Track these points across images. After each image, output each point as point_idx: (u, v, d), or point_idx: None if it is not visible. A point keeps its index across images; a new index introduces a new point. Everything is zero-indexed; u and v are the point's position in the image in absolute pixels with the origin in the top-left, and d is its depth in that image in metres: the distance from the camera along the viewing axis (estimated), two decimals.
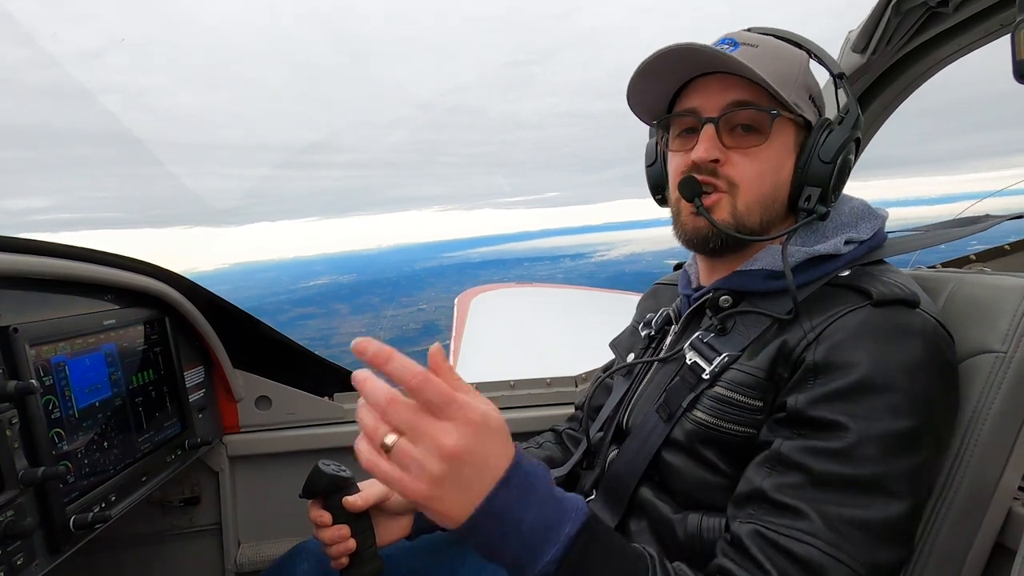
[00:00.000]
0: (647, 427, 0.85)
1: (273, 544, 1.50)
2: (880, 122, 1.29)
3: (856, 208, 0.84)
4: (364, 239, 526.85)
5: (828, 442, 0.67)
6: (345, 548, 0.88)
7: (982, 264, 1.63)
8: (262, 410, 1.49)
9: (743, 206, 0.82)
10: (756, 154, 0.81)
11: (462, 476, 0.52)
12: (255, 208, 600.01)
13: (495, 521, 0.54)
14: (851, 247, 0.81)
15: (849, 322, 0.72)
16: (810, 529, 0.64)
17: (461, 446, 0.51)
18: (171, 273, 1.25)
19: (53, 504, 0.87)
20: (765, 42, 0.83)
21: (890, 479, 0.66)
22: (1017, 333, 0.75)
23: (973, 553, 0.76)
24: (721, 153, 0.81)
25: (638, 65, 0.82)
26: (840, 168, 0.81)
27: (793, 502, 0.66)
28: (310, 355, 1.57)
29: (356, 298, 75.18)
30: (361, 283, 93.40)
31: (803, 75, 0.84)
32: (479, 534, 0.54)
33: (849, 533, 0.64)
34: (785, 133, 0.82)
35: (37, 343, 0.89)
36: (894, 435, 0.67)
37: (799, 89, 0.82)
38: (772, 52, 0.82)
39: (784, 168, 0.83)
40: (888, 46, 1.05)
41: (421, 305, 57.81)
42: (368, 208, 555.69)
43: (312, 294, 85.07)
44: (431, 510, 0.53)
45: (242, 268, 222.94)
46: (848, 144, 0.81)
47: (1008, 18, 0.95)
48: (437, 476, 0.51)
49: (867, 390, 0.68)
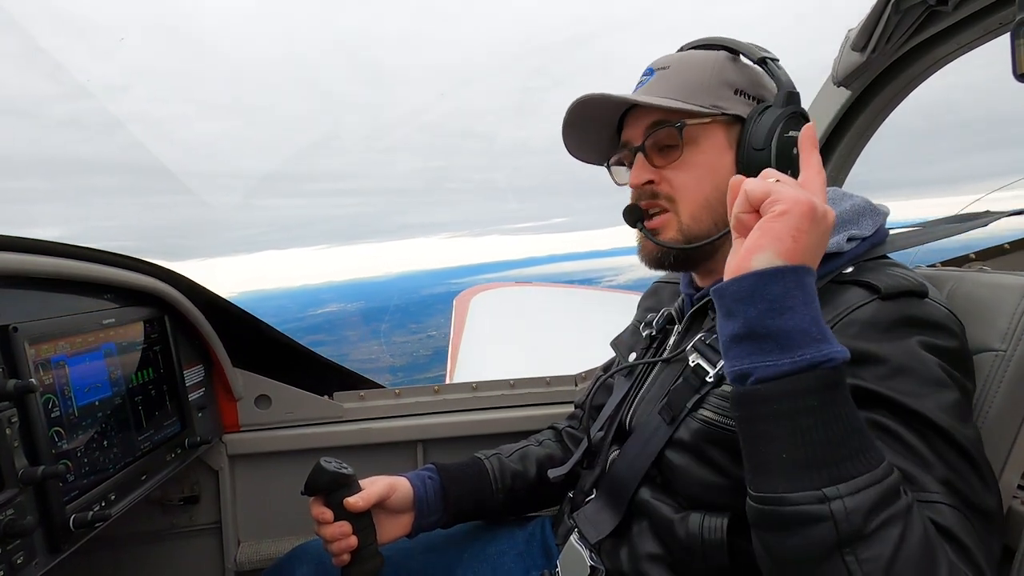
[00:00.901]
0: (649, 428, 0.85)
1: (273, 543, 1.50)
2: (880, 121, 1.29)
3: (858, 205, 0.84)
4: (372, 267, 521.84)
5: (897, 417, 0.65)
6: (346, 545, 0.89)
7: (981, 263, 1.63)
8: (262, 409, 1.49)
9: (688, 217, 0.85)
10: (683, 165, 0.85)
11: (823, 228, 0.61)
12: (264, 236, 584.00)
13: (806, 288, 0.58)
14: (853, 244, 0.81)
15: (860, 316, 0.71)
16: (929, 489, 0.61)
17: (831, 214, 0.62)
18: (171, 272, 1.25)
19: (53, 503, 0.87)
20: (679, 59, 0.88)
21: (968, 442, 0.64)
22: (1016, 332, 0.75)
23: None
24: (653, 174, 0.86)
25: (562, 121, 0.91)
26: (779, 149, 0.80)
27: (898, 463, 0.62)
28: (310, 354, 1.57)
29: (365, 325, 75.38)
30: (369, 310, 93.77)
31: (719, 74, 0.85)
32: (791, 283, 0.58)
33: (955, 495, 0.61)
34: (711, 135, 0.85)
35: (37, 342, 0.89)
36: (951, 403, 0.65)
37: (716, 89, 0.85)
38: (683, 66, 0.87)
39: (721, 167, 0.84)
40: (888, 44, 1.05)
41: (431, 332, 57.90)
42: (376, 236, 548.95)
43: (320, 322, 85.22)
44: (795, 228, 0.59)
45: (249, 296, 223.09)
46: (779, 123, 0.81)
47: (1007, 17, 0.95)
48: (819, 205, 0.60)
49: (902, 371, 0.66)
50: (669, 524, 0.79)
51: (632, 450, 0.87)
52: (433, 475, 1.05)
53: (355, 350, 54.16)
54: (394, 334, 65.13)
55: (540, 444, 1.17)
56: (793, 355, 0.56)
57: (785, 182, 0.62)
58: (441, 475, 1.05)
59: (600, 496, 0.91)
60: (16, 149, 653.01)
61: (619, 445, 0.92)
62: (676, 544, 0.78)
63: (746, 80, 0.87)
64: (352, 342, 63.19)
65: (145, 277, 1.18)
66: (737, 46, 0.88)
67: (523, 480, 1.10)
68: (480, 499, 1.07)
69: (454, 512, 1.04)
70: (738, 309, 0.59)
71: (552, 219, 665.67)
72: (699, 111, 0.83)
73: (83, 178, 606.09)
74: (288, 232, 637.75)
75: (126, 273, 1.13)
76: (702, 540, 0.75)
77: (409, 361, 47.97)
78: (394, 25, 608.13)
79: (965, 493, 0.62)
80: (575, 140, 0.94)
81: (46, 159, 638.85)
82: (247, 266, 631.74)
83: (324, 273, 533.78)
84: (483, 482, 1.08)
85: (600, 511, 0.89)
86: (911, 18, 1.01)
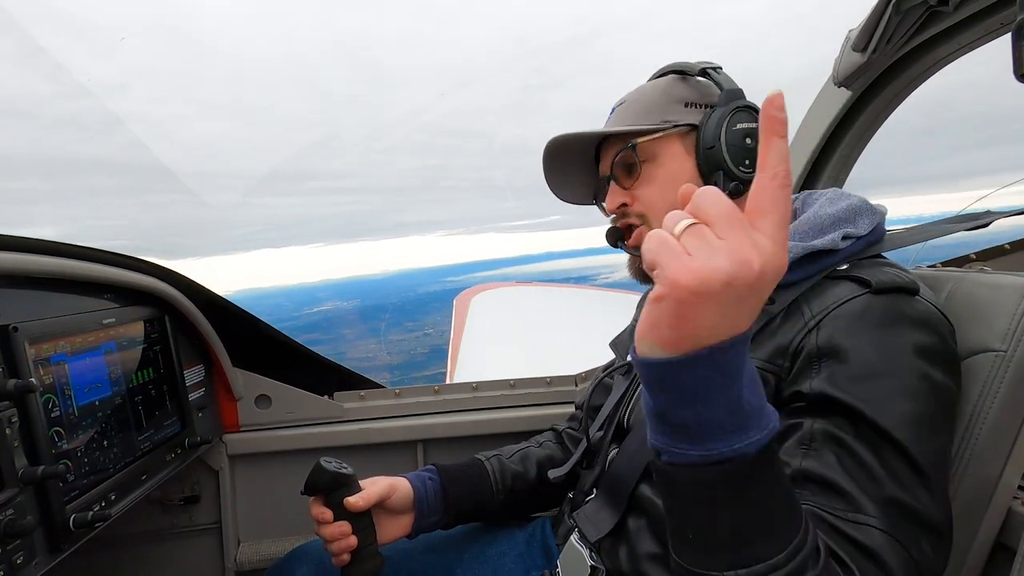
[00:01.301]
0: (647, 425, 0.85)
1: (273, 543, 1.50)
2: (880, 121, 1.29)
3: (854, 204, 0.84)
4: (368, 265, 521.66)
5: (854, 423, 0.65)
6: (346, 545, 0.89)
7: (982, 263, 1.63)
8: (262, 409, 1.49)
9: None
10: (645, 180, 0.91)
11: (734, 297, 0.44)
12: (262, 235, 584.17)
13: (720, 369, 0.46)
14: (849, 242, 0.81)
15: (849, 309, 0.71)
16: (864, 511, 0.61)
17: (768, 263, 0.44)
18: (171, 272, 1.25)
19: (53, 503, 0.87)
20: (634, 91, 0.96)
21: (922, 457, 0.64)
22: (1017, 332, 0.75)
23: (973, 552, 0.76)
24: (625, 196, 0.93)
25: (542, 167, 1.01)
26: (730, 142, 0.86)
27: (839, 481, 0.63)
28: (310, 354, 1.57)
29: (361, 324, 75.28)
30: (366, 308, 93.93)
31: (666, 93, 0.92)
32: (697, 372, 0.47)
33: (897, 514, 0.61)
34: (668, 147, 0.90)
35: (37, 341, 0.89)
36: (917, 414, 0.65)
37: (665, 105, 0.91)
38: (636, 96, 0.94)
39: (683, 174, 0.90)
40: (888, 45, 1.05)
41: (427, 330, 57.87)
42: (373, 234, 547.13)
43: (317, 320, 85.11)
44: (672, 315, 0.45)
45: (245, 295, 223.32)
46: (724, 119, 0.86)
47: (1008, 17, 0.95)
48: (716, 276, 0.43)
49: (876, 373, 0.67)
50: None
51: (631, 448, 0.87)
52: (433, 476, 1.05)
53: (352, 348, 54.12)
54: (391, 332, 65.21)
55: (540, 445, 1.18)
56: (703, 447, 0.49)
57: (711, 220, 0.45)
58: (441, 476, 1.05)
59: (600, 495, 0.92)
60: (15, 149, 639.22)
61: (618, 444, 0.92)
62: None
63: (696, 93, 0.92)
64: (349, 340, 63.15)
65: (145, 277, 1.18)
66: (681, 67, 0.95)
67: (523, 481, 1.10)
68: (480, 500, 1.07)
69: (454, 513, 1.04)
70: (650, 389, 0.51)
71: (548, 216, 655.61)
72: (647, 128, 0.90)
73: (81, 178, 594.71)
74: (285, 231, 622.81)
75: (126, 273, 1.13)
76: None
77: (406, 359, 47.92)
78: (394, 25, 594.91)
79: (913, 509, 0.62)
80: (558, 182, 1.03)
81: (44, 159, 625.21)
82: (244, 264, 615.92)
83: (320, 271, 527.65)
84: (483, 483, 1.08)
85: (600, 510, 0.90)
86: (912, 18, 1.01)
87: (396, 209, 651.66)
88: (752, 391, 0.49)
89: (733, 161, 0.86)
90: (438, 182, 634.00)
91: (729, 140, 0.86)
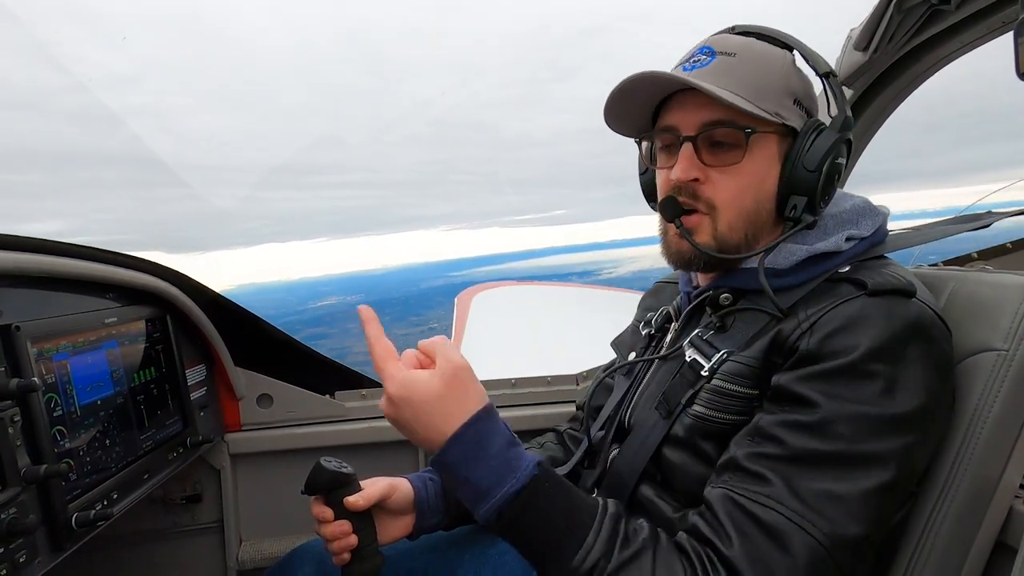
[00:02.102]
0: (647, 425, 0.85)
1: (275, 542, 1.50)
2: (882, 120, 1.29)
3: (858, 206, 0.84)
4: (371, 259, 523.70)
5: (802, 416, 0.69)
6: (347, 544, 0.89)
7: (984, 262, 1.63)
8: (263, 408, 1.49)
9: (724, 226, 0.81)
10: (735, 171, 0.80)
11: (413, 419, 0.70)
12: (265, 229, 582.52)
13: (448, 469, 0.70)
14: (852, 244, 0.81)
15: (843, 311, 0.72)
16: (777, 496, 0.67)
17: (397, 397, 0.69)
18: (173, 271, 1.26)
19: (55, 502, 0.88)
20: (745, 47, 0.81)
21: (866, 457, 0.67)
22: (1019, 331, 0.75)
23: (974, 551, 0.76)
24: (700, 172, 0.81)
25: (614, 87, 0.82)
26: (827, 174, 0.79)
27: (764, 470, 0.69)
28: (311, 353, 1.57)
29: None
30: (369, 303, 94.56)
31: (785, 79, 0.81)
32: (443, 471, 0.70)
33: (816, 504, 0.66)
34: (766, 145, 0.81)
35: (39, 341, 0.90)
36: (873, 417, 0.68)
37: (780, 96, 0.80)
38: (751, 59, 0.80)
39: (768, 180, 0.81)
40: (890, 44, 1.05)
41: (432, 324, 57.95)
42: (376, 228, 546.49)
43: (322, 314, 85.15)
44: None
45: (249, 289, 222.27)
46: (835, 149, 0.79)
47: (1010, 15, 0.95)
48: (391, 412, 0.71)
49: (853, 374, 0.69)
50: (668, 523, 0.79)
51: (631, 447, 0.87)
52: (434, 477, 1.05)
53: (358, 343, 54.13)
54: (396, 326, 65.38)
55: (542, 447, 1.17)
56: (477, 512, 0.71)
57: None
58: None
59: (600, 495, 0.91)
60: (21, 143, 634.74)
61: (619, 443, 0.92)
62: None
63: (804, 90, 0.83)
64: (354, 335, 63.18)
65: (147, 276, 1.18)
66: (803, 50, 0.83)
67: None
68: None
69: (455, 514, 1.04)
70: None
71: (553, 211, 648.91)
72: (767, 118, 0.78)
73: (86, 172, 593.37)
74: (289, 225, 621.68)
75: (128, 272, 1.13)
76: None
77: None
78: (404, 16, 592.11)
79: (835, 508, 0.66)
80: (620, 109, 0.86)
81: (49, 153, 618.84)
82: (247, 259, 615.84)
83: (322, 266, 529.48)
84: None
85: None
86: (913, 17, 1.01)
87: (400, 204, 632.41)
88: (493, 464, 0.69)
89: (823, 195, 0.79)
90: (444, 176, 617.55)
91: (829, 172, 0.78)
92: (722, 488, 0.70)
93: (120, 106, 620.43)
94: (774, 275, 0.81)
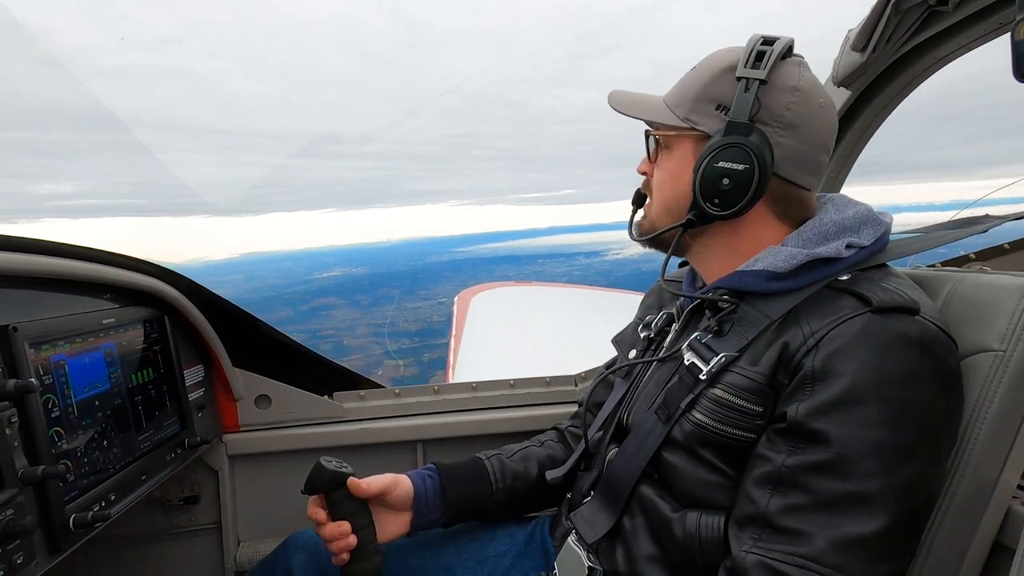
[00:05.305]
0: (646, 427, 0.85)
1: (273, 543, 1.49)
2: (880, 121, 1.29)
3: (860, 213, 0.84)
4: (374, 232, 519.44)
5: (821, 455, 0.69)
6: (346, 544, 0.89)
7: (981, 263, 1.63)
8: (262, 409, 1.49)
9: (654, 213, 0.93)
10: (660, 168, 0.92)
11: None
12: (273, 198, 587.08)
13: None
14: (852, 251, 0.81)
15: (848, 329, 0.72)
16: (813, 555, 0.67)
17: None
18: (170, 272, 1.25)
19: (53, 503, 0.87)
20: (707, 59, 0.87)
21: (887, 492, 0.67)
22: (1016, 332, 0.75)
23: (972, 551, 0.76)
24: (647, 167, 0.95)
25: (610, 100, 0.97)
26: (703, 177, 0.81)
27: (797, 525, 0.69)
28: (310, 354, 1.57)
29: (375, 290, 74.98)
30: (376, 275, 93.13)
31: (708, 87, 0.84)
32: None
33: (851, 552, 0.66)
34: (683, 146, 0.88)
35: (36, 342, 0.89)
36: (889, 447, 0.68)
37: (698, 102, 0.85)
38: (696, 69, 0.87)
39: (682, 178, 0.87)
40: (888, 45, 1.05)
41: (441, 299, 57.78)
42: (386, 201, 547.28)
43: (329, 285, 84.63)
44: None
45: (252, 258, 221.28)
46: (709, 154, 0.80)
47: (1007, 17, 0.95)
48: None
49: (861, 401, 0.69)
50: (667, 523, 0.79)
51: (629, 449, 0.87)
52: (433, 474, 1.05)
53: (369, 315, 53.59)
54: (405, 300, 65.09)
55: (542, 445, 1.17)
56: None
57: None
58: (441, 474, 1.05)
59: (597, 496, 0.92)
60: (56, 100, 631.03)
61: (617, 444, 0.92)
62: (673, 543, 0.79)
63: (731, 97, 0.83)
64: (364, 306, 62.88)
65: (145, 277, 1.18)
66: (752, 52, 0.83)
67: (524, 480, 1.10)
68: (480, 499, 1.07)
69: (454, 511, 1.04)
70: None
71: (562, 190, 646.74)
72: (667, 124, 0.88)
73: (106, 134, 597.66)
74: (298, 194, 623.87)
75: (126, 273, 1.13)
76: (699, 539, 0.76)
77: (424, 326, 47.45)
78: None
79: (863, 547, 0.67)
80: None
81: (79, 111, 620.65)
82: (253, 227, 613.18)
83: (327, 237, 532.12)
84: (483, 482, 1.08)
85: (597, 511, 0.90)
86: (911, 18, 1.01)
87: (412, 177, 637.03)
88: None
89: (707, 198, 0.82)
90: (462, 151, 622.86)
91: (704, 175, 0.81)
92: (757, 555, 0.70)
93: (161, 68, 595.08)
94: (774, 278, 0.81)
